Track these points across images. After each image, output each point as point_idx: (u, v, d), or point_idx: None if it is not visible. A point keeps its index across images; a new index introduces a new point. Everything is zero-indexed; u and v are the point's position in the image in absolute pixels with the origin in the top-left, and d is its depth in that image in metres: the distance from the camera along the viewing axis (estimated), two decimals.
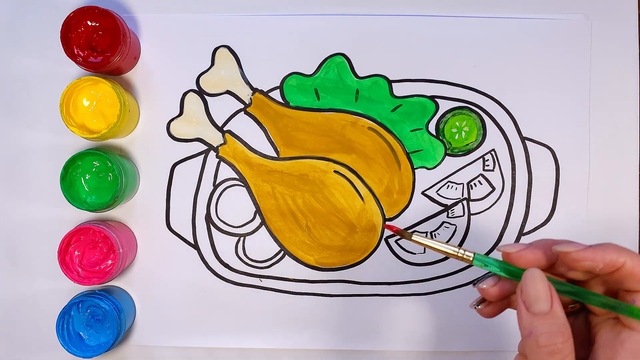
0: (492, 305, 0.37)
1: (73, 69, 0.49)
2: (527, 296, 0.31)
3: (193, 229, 0.50)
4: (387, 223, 0.48)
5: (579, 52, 0.49)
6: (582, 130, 0.49)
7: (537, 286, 0.31)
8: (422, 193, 0.49)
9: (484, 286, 0.35)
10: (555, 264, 0.33)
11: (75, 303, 0.46)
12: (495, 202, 0.49)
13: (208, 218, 0.50)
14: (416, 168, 0.49)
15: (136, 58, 0.49)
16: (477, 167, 0.49)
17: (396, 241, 0.49)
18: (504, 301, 0.36)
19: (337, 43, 0.49)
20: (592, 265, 0.30)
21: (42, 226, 0.49)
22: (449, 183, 0.49)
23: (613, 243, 0.31)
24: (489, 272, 0.35)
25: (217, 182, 0.50)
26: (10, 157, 0.49)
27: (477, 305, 0.37)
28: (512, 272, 0.34)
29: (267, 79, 0.49)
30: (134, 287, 0.50)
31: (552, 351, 0.29)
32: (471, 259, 0.35)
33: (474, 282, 0.36)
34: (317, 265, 0.50)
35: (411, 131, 0.49)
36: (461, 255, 0.35)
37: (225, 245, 0.50)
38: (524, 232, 0.49)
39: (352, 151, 0.49)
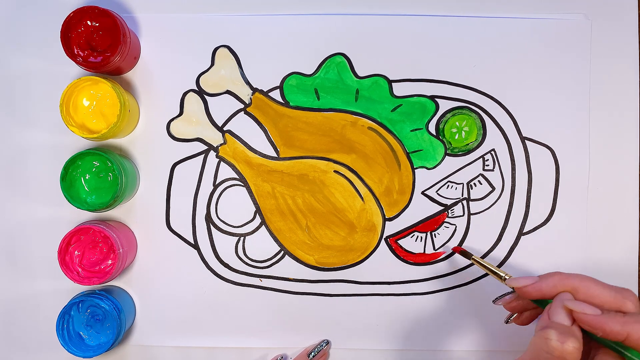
0: (521, 317, 0.42)
1: (73, 69, 0.49)
2: (554, 311, 0.35)
3: (193, 229, 0.50)
4: (454, 247, 0.49)
5: (579, 52, 0.49)
6: (582, 130, 0.49)
7: (562, 307, 0.35)
8: (422, 193, 0.49)
9: (501, 304, 0.41)
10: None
11: (75, 303, 0.46)
12: (495, 202, 0.49)
13: (208, 218, 0.50)
14: (416, 168, 0.49)
15: (136, 58, 0.49)
16: (477, 167, 0.49)
17: (396, 241, 0.49)
18: (532, 311, 0.41)
19: (337, 43, 0.49)
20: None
21: (42, 226, 0.49)
22: (448, 183, 0.49)
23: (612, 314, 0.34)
24: (510, 291, 0.41)
25: (217, 182, 0.50)
26: (10, 157, 0.49)
27: (508, 321, 0.43)
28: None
29: (267, 79, 0.49)
30: (134, 287, 0.50)
31: (563, 352, 0.33)
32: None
33: (494, 300, 0.42)
34: (317, 265, 0.50)
35: (411, 131, 0.49)
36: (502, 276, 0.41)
37: (225, 245, 0.50)
38: (524, 232, 0.49)
39: (352, 151, 0.49)
